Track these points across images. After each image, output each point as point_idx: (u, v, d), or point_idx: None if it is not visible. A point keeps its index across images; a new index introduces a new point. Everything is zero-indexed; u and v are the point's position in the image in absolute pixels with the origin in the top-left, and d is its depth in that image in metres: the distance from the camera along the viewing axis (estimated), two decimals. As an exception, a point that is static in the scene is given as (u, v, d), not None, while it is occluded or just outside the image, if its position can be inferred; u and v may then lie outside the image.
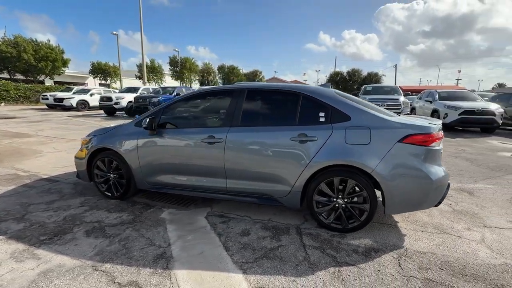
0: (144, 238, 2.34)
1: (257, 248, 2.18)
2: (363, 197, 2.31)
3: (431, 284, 1.75)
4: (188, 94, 3.03)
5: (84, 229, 2.48)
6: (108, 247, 2.19)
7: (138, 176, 3.03)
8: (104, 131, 3.26)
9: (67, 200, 3.16)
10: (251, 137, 2.58)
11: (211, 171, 2.74)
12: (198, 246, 2.22)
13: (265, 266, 1.93)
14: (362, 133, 2.30)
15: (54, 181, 3.83)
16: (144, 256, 2.06)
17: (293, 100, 2.59)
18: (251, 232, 2.46)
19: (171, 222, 2.65)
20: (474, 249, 2.19)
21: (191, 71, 38.39)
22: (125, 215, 2.80)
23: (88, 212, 2.85)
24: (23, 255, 2.06)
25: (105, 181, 3.23)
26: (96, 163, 3.19)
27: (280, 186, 2.53)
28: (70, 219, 2.68)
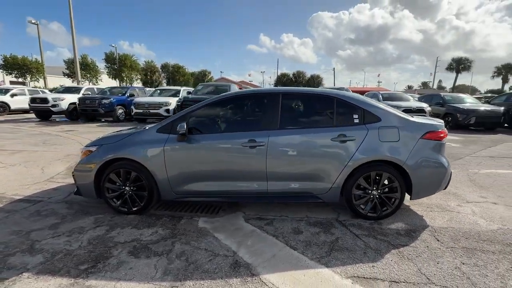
0: (202, 250, 2.23)
1: (319, 243, 2.33)
2: (394, 187, 2.68)
3: (469, 251, 2.20)
4: (218, 97, 2.94)
5: (125, 250, 2.21)
6: (171, 265, 2.02)
7: (164, 186, 2.81)
8: (115, 140, 2.90)
9: (73, 222, 2.71)
10: (293, 139, 2.70)
11: (251, 175, 2.75)
12: (265, 249, 2.24)
13: (340, 258, 2.10)
14: (392, 132, 2.66)
15: (36, 202, 3.19)
16: (219, 268, 1.99)
17: (328, 103, 2.81)
18: (301, 229, 2.58)
19: (217, 230, 2.56)
20: (473, 220, 2.78)
21: (132, 70, 35.06)
22: (159, 229, 2.58)
23: (113, 232, 2.52)
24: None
25: (119, 196, 2.88)
26: (107, 176, 2.81)
27: (322, 183, 2.72)
28: (98, 242, 2.34)
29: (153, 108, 10.69)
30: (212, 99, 2.93)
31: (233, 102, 3.03)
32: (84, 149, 2.97)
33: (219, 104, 2.97)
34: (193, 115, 2.87)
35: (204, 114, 2.94)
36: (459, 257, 2.11)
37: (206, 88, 10.88)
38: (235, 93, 3.00)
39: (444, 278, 1.87)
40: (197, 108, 2.89)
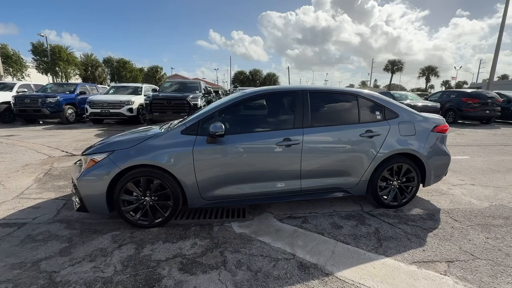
0: (258, 256, 2.12)
1: (364, 235, 2.43)
2: (412, 177, 2.96)
3: (484, 227, 2.56)
4: (246, 94, 2.77)
5: (174, 268, 1.96)
6: (237, 277, 1.87)
7: (193, 193, 2.57)
8: (130, 144, 2.53)
9: (87, 244, 2.29)
10: (326, 136, 2.74)
11: (285, 174, 2.71)
12: (319, 247, 2.23)
13: (392, 247, 2.23)
14: (409, 126, 2.92)
15: (19, 225, 2.59)
16: (289, 272, 1.92)
17: (353, 101, 2.92)
18: (339, 224, 2.65)
19: (258, 234, 2.46)
20: (467, 200, 3.25)
21: (68, 63, 30.57)
22: (197, 240, 2.36)
23: (145, 250, 2.21)
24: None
25: (137, 208, 2.54)
26: (124, 186, 2.45)
27: (351, 178, 2.84)
28: (136, 263, 2.02)
29: (114, 107, 9.59)
30: (240, 97, 2.77)
31: (263, 100, 2.91)
32: (88, 157, 2.52)
33: (247, 102, 2.82)
34: (222, 114, 2.68)
35: (233, 113, 2.77)
36: (481, 233, 2.45)
37: (174, 85, 10.19)
38: (264, 90, 2.89)
39: (482, 252, 2.15)
40: (225, 106, 2.70)
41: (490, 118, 11.40)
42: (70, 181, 3.84)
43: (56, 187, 3.64)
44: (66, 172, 4.26)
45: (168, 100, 8.39)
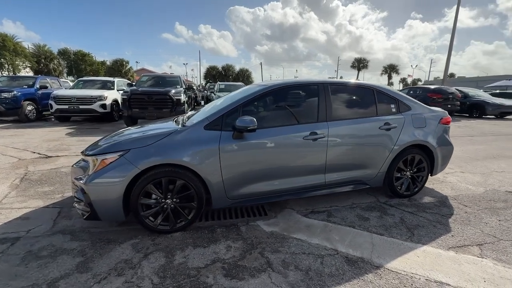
0: (301, 254, 2.04)
1: (393, 225, 2.48)
2: (423, 167, 3.10)
3: (491, 210, 2.78)
4: (269, 87, 2.64)
5: (219, 275, 1.81)
6: (290, 278, 1.78)
7: (218, 192, 2.40)
8: (148, 142, 2.26)
9: (106, 256, 2.01)
10: (348, 129, 2.74)
11: (311, 168, 2.66)
12: (357, 240, 2.23)
13: (423, 235, 2.31)
14: (420, 119, 3.04)
15: (12, 240, 2.20)
16: (340, 268, 1.88)
17: (370, 94, 2.96)
18: (364, 216, 2.68)
19: (290, 231, 2.38)
20: (465, 187, 3.51)
21: (16, 54, 26.99)
22: (229, 242, 2.21)
23: (177, 257, 2.00)
24: None
25: (157, 212, 2.30)
26: (143, 188, 2.20)
27: (370, 170, 2.88)
28: (174, 273, 1.82)
29: (84, 103, 8.70)
30: (263, 89, 2.63)
31: (287, 93, 2.80)
32: (99, 157, 2.21)
33: (270, 95, 2.69)
34: (246, 108, 2.53)
35: (256, 106, 2.63)
36: (492, 216, 2.65)
37: (152, 80, 9.54)
38: (286, 82, 2.78)
39: (502, 233, 2.32)
40: (248, 99, 2.55)
41: (451, 112, 12.57)
42: (58, 186, 3.39)
43: (42, 193, 3.17)
44: (48, 176, 3.75)
45: (149, 95, 7.83)
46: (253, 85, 3.11)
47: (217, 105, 3.11)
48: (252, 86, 3.10)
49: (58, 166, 4.21)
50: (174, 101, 8.02)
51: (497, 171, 4.20)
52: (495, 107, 11.72)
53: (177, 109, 8.11)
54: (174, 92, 8.12)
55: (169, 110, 8.03)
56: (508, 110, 11.99)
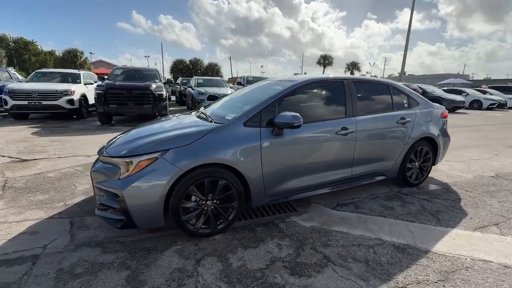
0: (352, 246, 2.10)
1: (418, 212, 2.68)
2: (428, 158, 3.38)
3: (489, 193, 3.15)
4: (301, 82, 2.60)
5: (286, 275, 1.78)
6: (354, 271, 1.82)
7: (258, 191, 2.35)
8: (187, 140, 2.10)
9: (154, 266, 1.85)
10: (373, 124, 2.86)
11: (341, 163, 2.74)
12: (395, 228, 2.36)
13: (447, 219, 2.53)
14: (427, 113, 3.31)
15: (31, 259, 1.89)
16: (394, 256, 1.98)
17: (386, 90, 3.12)
18: (388, 205, 2.85)
19: (328, 225, 2.43)
20: (456, 174, 3.92)
21: None
22: (276, 241, 2.18)
23: (233, 261, 1.92)
24: None
25: (198, 215, 2.17)
26: (185, 190, 2.05)
27: (389, 162, 3.06)
28: (240, 278, 1.74)
29: (47, 98, 7.71)
30: (295, 85, 2.60)
31: (317, 88, 2.79)
32: (134, 159, 1.99)
33: (303, 90, 2.66)
34: (280, 104, 2.48)
35: (288, 102, 2.58)
36: (492, 199, 3.01)
37: (126, 73, 8.78)
38: (315, 78, 2.78)
39: (508, 213, 2.66)
40: (282, 95, 2.50)
41: (413, 107, 13.86)
42: (54, 193, 2.99)
43: (38, 203, 2.77)
44: (36, 183, 3.28)
45: (129, 90, 7.23)
46: (278, 81, 3.07)
47: (243, 100, 3.04)
48: (278, 81, 3.06)
49: (42, 170, 3.70)
50: (156, 97, 7.53)
51: (473, 159, 4.76)
52: (449, 102, 13.21)
53: (159, 105, 7.64)
54: (155, 87, 7.62)
55: (150, 106, 7.53)
56: (459, 105, 13.61)
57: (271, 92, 2.58)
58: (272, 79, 3.46)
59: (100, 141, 5.46)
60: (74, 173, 3.66)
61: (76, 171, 3.74)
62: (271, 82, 3.23)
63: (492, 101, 15.88)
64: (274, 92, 2.54)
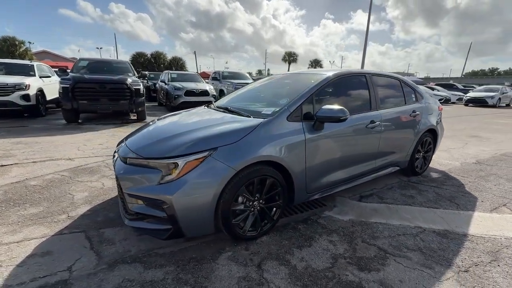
0: (397, 236, 2.15)
1: (437, 199, 2.86)
2: (430, 148, 3.64)
3: (482, 178, 3.51)
4: (331, 77, 2.56)
5: (356, 271, 1.74)
6: (414, 259, 1.86)
7: (301, 187, 2.27)
8: (233, 138, 1.92)
9: (215, 278, 1.66)
10: (393, 117, 2.97)
11: (368, 156, 2.79)
12: (426, 216, 2.48)
13: (463, 203, 2.76)
14: (430, 107, 3.55)
15: (62, 284, 1.56)
16: (440, 242, 2.07)
17: (399, 84, 3.26)
18: (407, 194, 2.99)
19: (365, 217, 2.46)
20: (446, 162, 4.30)
21: None
22: (325, 237, 2.13)
23: (294, 263, 1.82)
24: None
25: (246, 217, 2.02)
26: (237, 192, 1.88)
27: (402, 153, 3.22)
28: (312, 280, 1.65)
29: (-3, 93, 6.53)
30: (326, 79, 2.54)
31: (345, 82, 2.75)
32: (181, 160, 1.75)
33: (334, 84, 2.61)
34: (316, 98, 2.41)
35: (322, 96, 2.52)
36: (487, 183, 3.36)
37: (94, 65, 7.81)
38: (343, 72, 2.74)
39: (507, 193, 2.98)
40: (318, 88, 2.43)
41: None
42: (48, 204, 2.55)
43: (32, 217, 2.31)
44: (18, 193, 2.74)
45: (102, 84, 6.47)
46: (298, 74, 3.00)
47: (269, 94, 2.93)
48: (300, 74, 3.00)
49: (20, 178, 3.11)
50: (133, 92, 6.89)
51: (451, 148, 5.29)
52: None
53: (136, 101, 7.02)
54: (132, 81, 6.96)
55: (127, 102, 6.87)
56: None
57: (305, 86, 2.49)
58: (288, 73, 3.38)
59: (77, 142, 4.81)
60: (62, 179, 3.15)
61: (63, 177, 3.22)
62: (290, 75, 3.16)
63: (440, 96, 17.89)
64: (310, 86, 2.46)
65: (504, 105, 17.62)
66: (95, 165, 3.70)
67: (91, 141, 5.01)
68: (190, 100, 9.87)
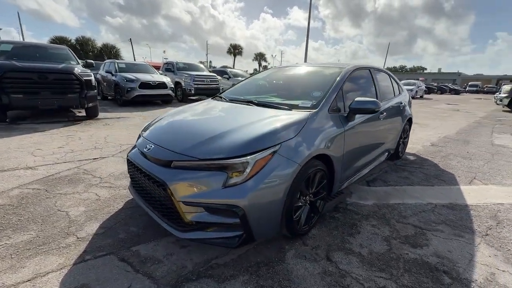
0: (420, 213, 2.43)
1: (427, 178, 3.30)
2: (408, 134, 4.17)
3: (446, 157, 4.20)
4: (350, 69, 2.65)
5: (411, 250, 1.90)
6: (452, 232, 2.14)
7: (339, 177, 2.34)
8: (292, 132, 1.83)
9: (302, 279, 1.60)
10: (392, 107, 3.28)
11: (378, 143, 3.04)
12: (429, 193, 2.86)
13: (448, 180, 3.25)
14: (408, 98, 4.04)
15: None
16: (456, 214, 2.42)
17: (388, 78, 3.59)
18: (403, 176, 3.38)
19: (385, 200, 2.70)
20: (411, 146, 4.98)
21: None
22: (366, 222, 2.27)
23: (363, 253, 1.88)
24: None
25: (301, 212, 2.00)
26: (298, 188, 1.83)
27: (394, 140, 3.60)
28: (391, 264, 1.74)
29: None
30: (347, 71, 2.62)
31: (358, 75, 2.84)
32: (251, 158, 1.60)
33: (350, 77, 2.69)
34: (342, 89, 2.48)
35: (344, 89, 2.59)
36: (451, 161, 4.04)
37: (21, 49, 6.22)
38: (356, 65, 2.84)
39: (471, 169, 3.65)
40: (343, 81, 2.50)
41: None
42: (43, 227, 2.07)
43: (28, 245, 1.81)
44: (6, 208, 2.08)
45: (42, 74, 5.27)
46: (317, 66, 3.04)
47: (291, 85, 2.91)
48: (316, 67, 3.03)
49: (-27, 198, 2.36)
50: (83, 83, 5.85)
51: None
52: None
53: (88, 95, 6.00)
54: (81, 71, 5.89)
55: (76, 96, 5.80)
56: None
57: (329, 78, 2.55)
58: (291, 66, 3.36)
59: (26, 147, 3.90)
60: (37, 194, 2.52)
61: (37, 191, 2.58)
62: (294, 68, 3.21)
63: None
64: (336, 78, 2.51)
65: (419, 96, 21.25)
66: (70, 173, 3.06)
67: (44, 144, 4.09)
68: (146, 93, 8.97)
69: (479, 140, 5.53)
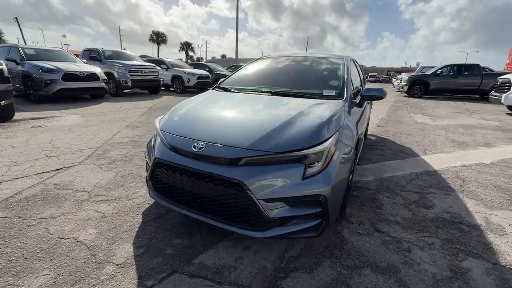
0: (411, 181, 2.92)
1: (397, 153, 3.93)
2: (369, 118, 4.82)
3: (395, 135, 5.06)
4: (348, 61, 2.87)
5: (446, 235, 2.30)
6: (441, 194, 2.65)
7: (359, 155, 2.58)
8: (340, 120, 1.91)
9: (357, 276, 1.74)
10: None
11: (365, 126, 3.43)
12: (405, 165, 3.43)
13: (410, 153, 3.96)
14: (368, 86, 4.65)
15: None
16: (436, 180, 3.00)
17: (359, 69, 4.04)
18: (378, 154, 3.93)
19: (382, 174, 3.12)
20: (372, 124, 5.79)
21: None
22: (384, 196, 2.59)
23: (405, 245, 2.16)
24: None
25: (345, 194, 2.16)
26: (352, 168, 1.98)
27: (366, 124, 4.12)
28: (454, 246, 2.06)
29: None
30: (347, 62, 2.85)
31: (353, 65, 3.07)
32: (326, 145, 1.61)
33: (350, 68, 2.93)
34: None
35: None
36: (400, 137, 4.89)
37: None
38: (351, 57, 3.09)
39: (419, 143, 4.52)
40: (349, 71, 2.72)
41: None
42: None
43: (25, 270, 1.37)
44: None
45: None
46: (317, 56, 3.16)
47: (300, 76, 2.99)
48: (316, 57, 3.15)
49: None
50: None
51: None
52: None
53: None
54: None
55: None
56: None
57: (336, 69, 2.74)
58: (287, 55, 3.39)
59: None
60: (11, 224, 1.89)
61: (7, 219, 1.93)
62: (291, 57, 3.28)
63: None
64: (344, 68, 2.71)
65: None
66: (36, 191, 2.37)
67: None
68: (72, 86, 7.46)
69: (406, 120, 6.84)
